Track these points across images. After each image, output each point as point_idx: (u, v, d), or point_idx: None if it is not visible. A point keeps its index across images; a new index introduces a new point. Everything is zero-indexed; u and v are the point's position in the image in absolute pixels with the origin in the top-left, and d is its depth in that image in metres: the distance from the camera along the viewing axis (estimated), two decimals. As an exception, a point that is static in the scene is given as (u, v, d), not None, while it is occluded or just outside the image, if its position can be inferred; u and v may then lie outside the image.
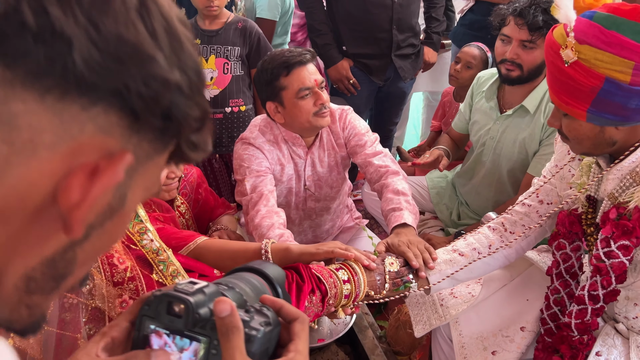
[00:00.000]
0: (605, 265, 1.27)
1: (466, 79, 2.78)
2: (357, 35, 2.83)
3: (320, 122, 1.88)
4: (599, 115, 1.16)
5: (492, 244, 1.52)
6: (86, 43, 0.37)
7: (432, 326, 1.60)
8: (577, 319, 1.33)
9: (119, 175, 0.41)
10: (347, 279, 1.31)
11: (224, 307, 0.53)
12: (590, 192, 1.37)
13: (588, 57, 1.11)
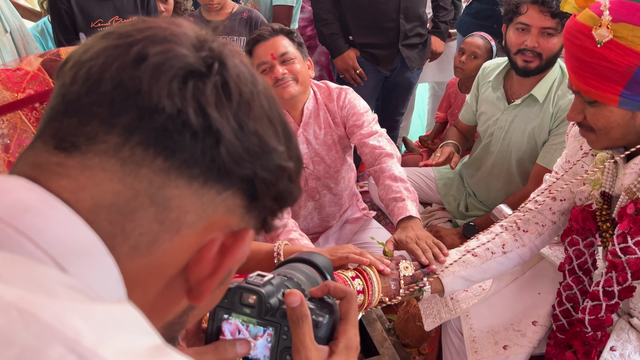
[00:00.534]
0: (622, 261, 1.25)
1: (472, 69, 2.75)
2: (363, 24, 2.79)
3: (280, 93, 1.87)
4: (633, 98, 1.10)
5: (505, 244, 1.47)
6: (232, 139, 0.44)
7: (442, 320, 1.59)
8: (590, 315, 1.31)
9: (247, 251, 0.47)
10: (361, 289, 1.28)
11: (295, 298, 0.59)
12: (605, 188, 1.33)
13: (625, 34, 1.06)
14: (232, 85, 0.45)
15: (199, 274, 0.45)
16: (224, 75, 0.45)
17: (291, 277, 0.70)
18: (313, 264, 0.77)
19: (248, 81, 0.47)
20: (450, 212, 2.47)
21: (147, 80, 0.41)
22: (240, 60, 0.47)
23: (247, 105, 0.45)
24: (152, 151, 0.42)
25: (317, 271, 0.76)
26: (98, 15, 2.31)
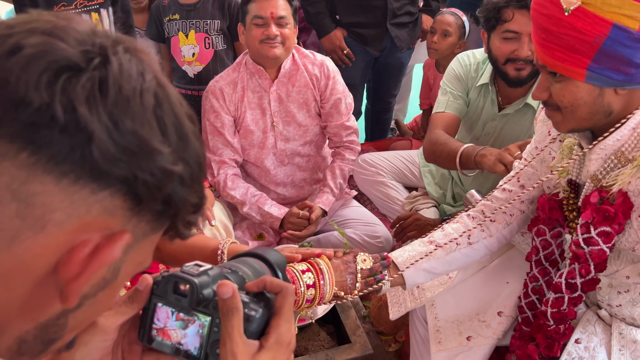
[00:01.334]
0: (584, 252, 1.18)
1: (445, 48, 2.67)
2: (350, 3, 2.72)
3: (265, 51, 2.01)
4: (601, 72, 1.02)
5: (471, 234, 1.39)
6: (105, 137, 0.42)
7: (408, 308, 1.54)
8: (553, 307, 1.25)
9: (117, 254, 0.46)
10: (312, 283, 1.23)
11: (226, 289, 0.58)
12: (571, 175, 1.25)
13: (594, 1, 0.97)
14: (111, 81, 0.43)
15: (66, 275, 0.44)
16: (104, 71, 0.43)
17: (236, 270, 0.69)
18: (264, 259, 0.76)
19: (133, 79, 0.45)
20: (434, 199, 2.40)
21: (17, 72, 0.40)
22: (133, 59, 0.46)
23: (125, 102, 0.44)
24: (17, 145, 0.41)
25: (267, 266, 0.75)
26: None
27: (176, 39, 2.44)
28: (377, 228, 2.25)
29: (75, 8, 2.22)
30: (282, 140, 2.17)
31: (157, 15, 2.45)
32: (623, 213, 1.11)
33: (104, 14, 2.30)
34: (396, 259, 1.36)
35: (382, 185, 2.53)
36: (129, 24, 2.40)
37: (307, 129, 2.20)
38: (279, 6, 1.97)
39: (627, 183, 1.10)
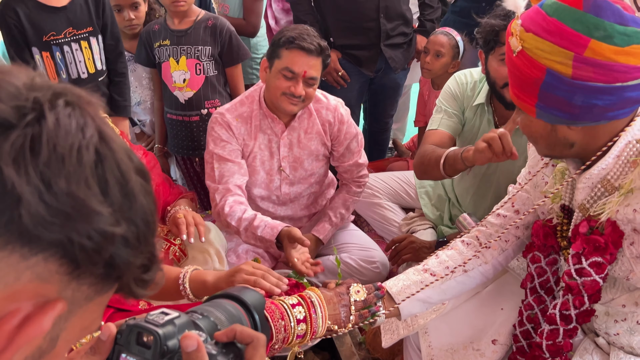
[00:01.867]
0: (577, 283, 1.15)
1: (439, 68, 2.67)
2: (344, 25, 2.71)
3: (285, 105, 1.94)
4: (547, 111, 1.05)
5: (466, 261, 1.36)
6: (35, 200, 0.39)
7: (400, 336, 1.50)
8: (548, 340, 1.21)
9: (47, 326, 0.42)
10: (302, 317, 1.18)
11: (190, 342, 0.55)
12: (564, 200, 1.24)
13: (531, 46, 1.02)
14: (45, 138, 0.41)
15: None
16: (37, 127, 0.41)
17: (207, 316, 0.66)
18: (241, 301, 0.73)
19: (71, 135, 0.42)
20: (431, 221, 2.37)
21: None
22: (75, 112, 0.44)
23: (59, 161, 0.41)
24: None
25: (244, 309, 0.72)
26: (50, 28, 2.19)
27: (167, 65, 2.42)
28: (374, 253, 2.21)
29: (64, 37, 2.22)
30: (287, 184, 2.14)
31: (147, 41, 2.44)
32: (613, 243, 1.08)
33: (94, 42, 2.31)
34: (390, 289, 1.33)
35: (378, 207, 2.50)
36: (119, 51, 2.41)
37: (314, 173, 2.17)
38: (313, 66, 1.89)
39: (615, 212, 1.09)
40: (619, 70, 0.96)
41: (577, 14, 0.96)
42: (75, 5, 2.22)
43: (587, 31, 0.95)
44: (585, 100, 1.00)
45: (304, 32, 1.90)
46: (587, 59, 0.96)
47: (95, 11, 2.28)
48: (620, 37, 0.95)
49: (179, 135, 2.56)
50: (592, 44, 0.95)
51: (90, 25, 2.28)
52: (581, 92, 0.99)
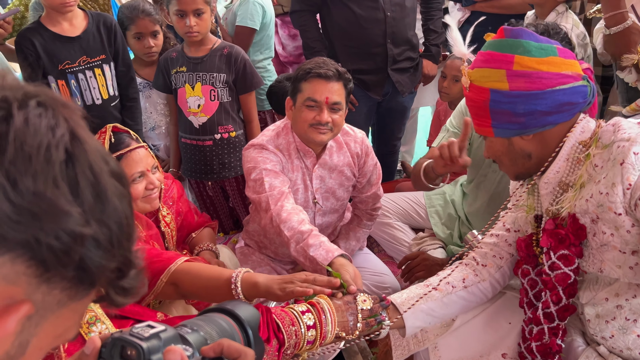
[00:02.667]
0: (550, 278, 1.24)
1: (456, 92, 2.72)
2: (351, 50, 2.79)
3: (314, 136, 1.92)
4: (501, 126, 1.27)
5: (465, 278, 1.46)
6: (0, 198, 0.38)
7: (411, 351, 1.53)
8: (536, 340, 1.29)
9: (10, 328, 0.41)
10: (312, 324, 1.22)
11: (174, 358, 0.53)
12: (537, 211, 1.36)
13: (475, 77, 1.27)
14: (12, 137, 0.40)
15: None
16: (4, 126, 0.41)
17: (197, 330, 0.64)
18: (234, 315, 0.71)
19: (40, 134, 0.42)
20: (442, 240, 2.40)
21: None
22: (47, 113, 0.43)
23: (26, 159, 0.40)
24: None
25: (237, 325, 0.70)
26: (65, 57, 2.28)
27: (183, 91, 2.49)
28: (386, 278, 2.21)
29: (79, 65, 2.32)
30: (320, 215, 2.15)
31: (164, 67, 2.52)
32: (574, 233, 1.21)
33: (107, 69, 2.41)
34: (395, 300, 1.41)
35: (388, 227, 2.53)
36: (130, 77, 2.52)
37: (343, 203, 2.19)
38: (335, 91, 1.88)
39: (573, 206, 1.23)
40: (545, 77, 1.19)
41: (501, 41, 1.24)
42: (88, 35, 2.33)
43: (510, 50, 1.21)
44: (527, 108, 1.21)
45: (320, 61, 1.92)
46: (517, 72, 1.20)
47: (107, 40, 2.39)
48: (537, 50, 1.20)
49: (192, 159, 2.62)
50: (516, 59, 1.20)
51: (103, 53, 2.38)
52: (520, 101, 1.21)
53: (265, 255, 2.27)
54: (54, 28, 2.28)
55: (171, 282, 1.41)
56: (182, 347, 0.58)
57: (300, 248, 1.70)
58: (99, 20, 2.38)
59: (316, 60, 1.93)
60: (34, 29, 2.27)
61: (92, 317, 0.92)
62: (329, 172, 2.08)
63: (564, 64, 1.21)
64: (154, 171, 1.77)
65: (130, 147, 1.71)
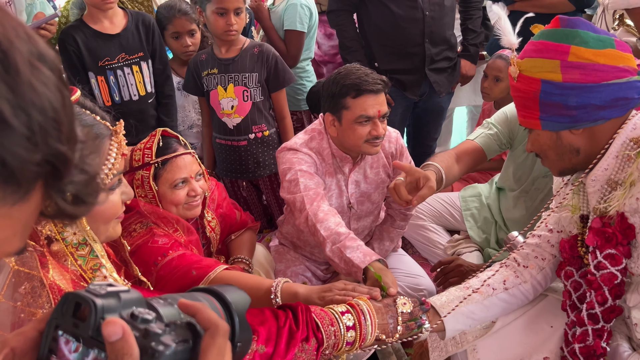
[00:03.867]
0: (596, 278, 1.20)
1: (498, 93, 2.68)
2: (388, 50, 2.77)
3: (369, 150, 1.90)
4: (550, 119, 1.23)
5: (506, 280, 1.43)
6: None
7: (449, 353, 1.50)
8: (579, 342, 1.24)
9: None
10: (352, 325, 1.21)
11: (113, 329, 0.46)
12: (583, 210, 1.32)
13: (526, 67, 1.23)
14: None
15: None
16: None
17: (172, 304, 0.55)
18: (221, 297, 0.63)
19: None
20: (477, 243, 2.35)
21: None
22: None
23: None
24: None
25: (223, 308, 0.62)
26: (105, 53, 2.36)
27: (215, 93, 2.49)
28: (421, 280, 2.17)
29: (118, 62, 2.40)
30: (355, 219, 2.13)
31: (194, 70, 2.52)
32: (622, 232, 1.17)
33: (144, 66, 2.47)
34: (434, 303, 1.38)
35: (423, 229, 2.50)
36: (166, 74, 2.58)
37: (378, 205, 2.16)
38: (383, 102, 1.85)
39: (622, 205, 1.19)
40: (601, 70, 1.15)
41: (556, 30, 1.19)
42: (127, 33, 2.41)
43: (566, 40, 1.17)
44: (579, 101, 1.17)
45: (361, 74, 1.85)
46: (572, 63, 1.16)
47: (146, 38, 2.45)
48: (594, 41, 1.16)
49: (227, 159, 2.63)
50: (572, 49, 1.16)
51: (141, 51, 2.44)
52: (574, 93, 1.16)
53: (300, 254, 2.26)
54: (95, 26, 2.36)
55: None
56: (145, 311, 0.50)
57: (336, 249, 1.67)
58: (138, 19, 2.44)
59: (355, 72, 1.86)
60: (76, 26, 2.36)
61: (96, 264, 0.92)
62: (364, 176, 2.06)
63: (621, 57, 1.16)
64: (198, 179, 1.78)
65: (176, 152, 1.72)
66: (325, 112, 1.93)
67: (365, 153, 1.93)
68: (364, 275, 1.54)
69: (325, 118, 1.95)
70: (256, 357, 1.06)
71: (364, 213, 2.13)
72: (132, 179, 1.72)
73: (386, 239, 2.24)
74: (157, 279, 1.50)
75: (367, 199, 2.10)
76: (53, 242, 0.90)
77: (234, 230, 2.12)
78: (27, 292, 0.81)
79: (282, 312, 1.15)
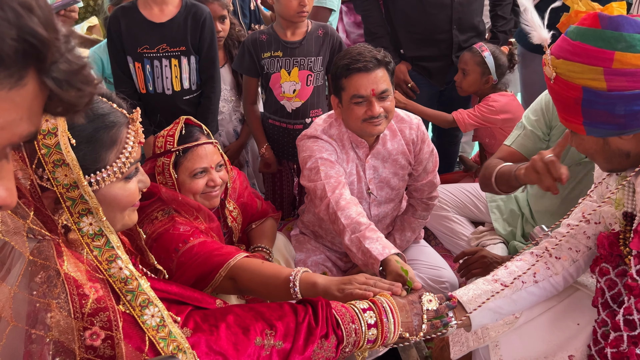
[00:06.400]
0: (638, 284, 1.13)
1: (468, 86, 2.68)
2: (415, 37, 2.72)
3: (369, 129, 1.87)
4: (595, 126, 1.11)
5: (537, 272, 1.36)
6: None
7: (470, 348, 1.48)
8: (612, 347, 1.18)
9: None
10: (374, 322, 1.17)
11: None
12: (627, 208, 1.23)
13: (563, 70, 1.10)
14: None
15: None
16: None
17: None
18: None
19: None
20: (502, 236, 2.30)
21: None
22: None
23: None
24: None
25: None
26: (145, 41, 2.27)
27: (277, 76, 2.43)
28: (443, 272, 2.13)
29: (157, 52, 2.31)
30: (375, 205, 2.10)
31: (253, 50, 2.43)
32: None
33: (184, 62, 2.35)
34: (461, 298, 1.33)
35: (446, 220, 2.46)
36: (210, 74, 2.43)
37: (399, 192, 2.14)
38: (379, 80, 1.81)
39: None
40: None
41: (597, 32, 1.04)
42: (173, 24, 2.30)
43: (610, 45, 1.03)
44: (628, 109, 1.05)
45: (355, 52, 1.84)
46: (617, 70, 1.03)
47: (192, 32, 2.32)
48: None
49: (280, 142, 2.59)
50: (617, 56, 1.02)
51: (184, 45, 2.33)
52: (621, 101, 1.04)
53: (320, 244, 2.25)
54: (144, 11, 2.28)
55: (229, 277, 1.41)
56: None
57: (355, 238, 1.63)
58: (190, 11, 2.32)
59: (350, 52, 1.85)
60: (126, 8, 2.30)
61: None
62: (382, 161, 2.03)
63: None
64: (219, 169, 1.77)
65: (198, 141, 1.71)
66: (332, 94, 1.94)
67: (367, 134, 1.91)
68: (380, 268, 1.50)
69: (332, 101, 1.95)
70: (274, 353, 1.04)
71: (384, 199, 2.11)
72: (154, 166, 1.73)
73: (407, 229, 2.21)
74: (178, 265, 1.50)
75: (386, 185, 2.08)
76: (70, 232, 0.90)
77: (255, 220, 2.11)
78: (43, 281, 0.81)
79: (301, 307, 1.13)
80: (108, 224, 0.90)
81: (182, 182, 1.71)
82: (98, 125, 0.91)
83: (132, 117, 0.97)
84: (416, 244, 2.30)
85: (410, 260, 2.18)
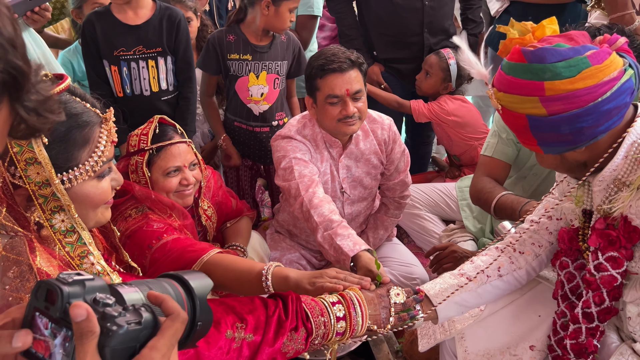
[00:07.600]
0: (595, 279, 1.19)
1: (428, 87, 2.76)
2: (387, 39, 2.77)
3: (344, 129, 1.91)
4: (549, 145, 1.17)
5: (501, 266, 1.41)
6: None
7: (437, 340, 1.52)
8: (571, 339, 1.24)
9: None
10: (342, 315, 1.20)
11: (79, 311, 0.55)
12: (586, 205, 1.29)
13: (506, 102, 1.15)
14: None
15: None
16: None
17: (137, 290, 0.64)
18: (184, 283, 0.70)
19: None
20: (472, 233, 2.37)
21: None
22: None
23: None
24: None
25: (185, 292, 0.70)
26: (121, 44, 2.28)
27: (245, 79, 2.46)
28: (414, 269, 2.19)
29: (133, 54, 2.32)
30: (348, 204, 2.14)
31: (219, 50, 2.44)
32: (625, 236, 1.15)
33: (161, 62, 2.37)
34: (428, 292, 1.37)
35: (418, 218, 2.52)
36: (187, 75, 2.46)
37: (372, 191, 2.18)
38: (353, 80, 1.86)
39: (627, 207, 1.16)
40: (583, 94, 1.07)
41: (524, 66, 1.10)
42: (149, 26, 2.32)
43: (538, 77, 1.08)
44: (572, 127, 1.10)
45: (329, 53, 1.87)
46: (551, 97, 1.08)
47: (168, 34, 2.35)
48: (566, 70, 1.07)
49: (247, 144, 2.62)
50: (547, 85, 1.08)
51: (160, 46, 2.35)
52: (563, 123, 1.10)
53: (295, 242, 2.28)
54: (118, 15, 2.29)
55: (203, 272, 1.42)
56: (106, 296, 0.59)
57: (327, 235, 1.67)
58: (165, 14, 2.35)
59: (324, 53, 1.89)
60: (100, 13, 2.31)
61: (83, 251, 0.93)
62: (355, 161, 2.07)
63: (600, 71, 1.08)
64: (192, 168, 1.79)
65: (172, 140, 1.74)
66: (307, 94, 1.98)
67: (342, 133, 1.95)
68: (352, 264, 1.54)
69: (306, 101, 1.99)
70: (244, 345, 1.07)
71: (357, 198, 2.15)
72: (128, 164, 1.74)
73: (380, 228, 2.26)
74: (151, 262, 1.52)
75: (359, 184, 2.12)
76: (43, 228, 0.92)
77: (230, 219, 2.14)
78: (15, 276, 0.83)
79: (272, 301, 1.16)
80: (80, 220, 0.93)
81: (156, 181, 1.73)
82: (71, 125, 0.94)
83: (105, 116, 1.00)
84: (389, 241, 2.35)
85: (383, 258, 2.23)
